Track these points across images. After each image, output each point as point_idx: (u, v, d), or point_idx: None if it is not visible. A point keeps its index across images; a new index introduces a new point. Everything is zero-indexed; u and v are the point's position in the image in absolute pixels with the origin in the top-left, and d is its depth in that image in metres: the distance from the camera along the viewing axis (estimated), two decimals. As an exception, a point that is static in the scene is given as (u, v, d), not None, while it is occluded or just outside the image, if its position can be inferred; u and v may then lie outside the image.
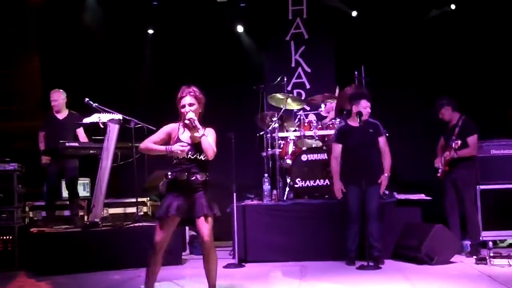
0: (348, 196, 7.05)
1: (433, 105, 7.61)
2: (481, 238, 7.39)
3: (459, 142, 7.18)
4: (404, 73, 9.43)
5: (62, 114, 8.18)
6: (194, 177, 4.91)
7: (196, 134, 4.92)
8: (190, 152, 4.91)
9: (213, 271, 5.06)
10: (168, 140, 5.02)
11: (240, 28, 10.09)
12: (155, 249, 4.96)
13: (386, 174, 7.01)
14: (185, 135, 5.00)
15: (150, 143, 4.97)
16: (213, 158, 4.91)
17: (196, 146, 4.94)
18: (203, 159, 4.94)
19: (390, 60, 9.48)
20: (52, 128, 8.12)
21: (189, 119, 4.89)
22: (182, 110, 4.96)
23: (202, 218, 4.91)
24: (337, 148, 7.18)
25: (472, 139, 7.30)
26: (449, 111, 7.47)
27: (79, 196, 8.21)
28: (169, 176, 4.97)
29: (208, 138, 4.92)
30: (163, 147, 4.91)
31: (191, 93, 4.96)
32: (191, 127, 4.96)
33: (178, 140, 4.95)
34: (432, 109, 7.61)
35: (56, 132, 8.01)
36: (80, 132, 8.17)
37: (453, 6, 9.40)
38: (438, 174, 7.51)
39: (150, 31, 10.13)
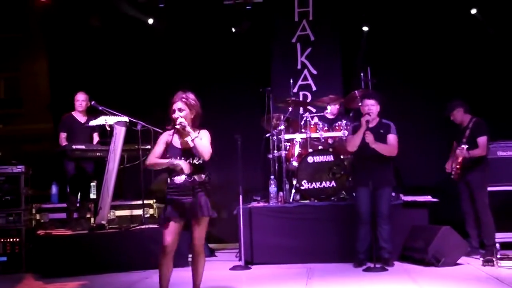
0: (358, 198, 7.04)
1: (444, 106, 7.61)
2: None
3: (465, 147, 7.24)
4: (411, 74, 9.41)
5: (84, 117, 8.17)
6: (192, 179, 4.99)
7: (187, 139, 5.00)
8: (183, 158, 4.99)
9: (199, 274, 5.20)
10: (167, 148, 5.13)
11: (246, 31, 10.06)
12: (164, 252, 5.05)
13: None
14: (177, 141, 5.10)
15: (155, 158, 5.05)
16: (209, 158, 4.98)
17: (188, 151, 5.03)
18: (196, 163, 5.02)
19: (397, 61, 9.45)
20: (73, 130, 8.08)
21: (179, 123, 4.97)
22: (173, 115, 5.04)
23: (197, 219, 5.02)
24: None
25: (481, 140, 7.27)
26: (461, 112, 7.48)
27: (90, 199, 8.25)
28: (168, 180, 5.06)
29: (203, 140, 5.00)
30: (166, 161, 5.00)
31: (183, 99, 5.05)
32: (182, 133, 5.05)
33: (171, 146, 5.06)
34: (443, 111, 7.61)
35: (78, 135, 8.03)
36: (96, 136, 8.21)
37: (473, 11, 9.32)
38: (452, 176, 7.50)
39: (157, 34, 10.13)
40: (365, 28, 9.65)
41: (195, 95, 5.14)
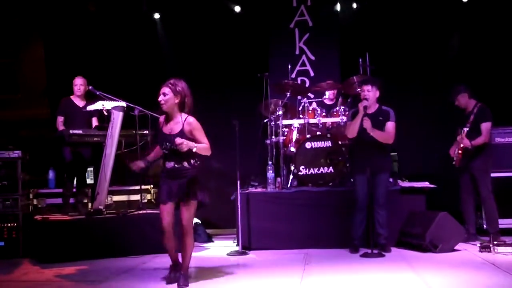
0: (356, 184, 7.05)
1: (448, 92, 7.59)
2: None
3: (465, 130, 7.22)
4: (408, 61, 9.38)
5: (82, 102, 8.13)
6: (180, 165, 5.24)
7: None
8: (169, 144, 5.20)
9: (187, 255, 5.38)
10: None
11: (244, 16, 10.01)
12: (162, 231, 5.30)
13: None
14: (166, 128, 5.33)
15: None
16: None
17: (172, 137, 5.20)
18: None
19: (395, 47, 9.41)
20: (71, 115, 8.05)
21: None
22: (158, 99, 5.27)
23: (184, 202, 5.26)
24: None
25: (484, 126, 7.26)
26: (466, 98, 7.44)
27: (88, 184, 8.23)
28: (160, 165, 5.38)
29: (200, 139, 5.22)
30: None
31: (170, 84, 5.25)
32: (170, 118, 5.29)
33: (161, 132, 5.33)
34: (447, 96, 7.59)
35: (76, 119, 8.00)
36: (95, 121, 8.18)
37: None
38: (454, 163, 7.47)
39: (155, 18, 10.08)
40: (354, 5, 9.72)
41: (186, 83, 5.31)
